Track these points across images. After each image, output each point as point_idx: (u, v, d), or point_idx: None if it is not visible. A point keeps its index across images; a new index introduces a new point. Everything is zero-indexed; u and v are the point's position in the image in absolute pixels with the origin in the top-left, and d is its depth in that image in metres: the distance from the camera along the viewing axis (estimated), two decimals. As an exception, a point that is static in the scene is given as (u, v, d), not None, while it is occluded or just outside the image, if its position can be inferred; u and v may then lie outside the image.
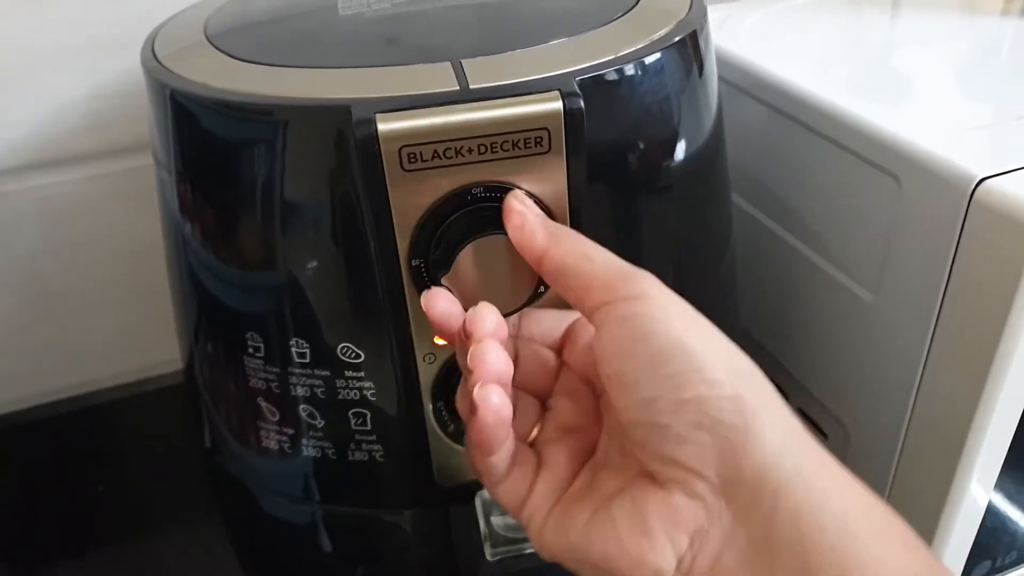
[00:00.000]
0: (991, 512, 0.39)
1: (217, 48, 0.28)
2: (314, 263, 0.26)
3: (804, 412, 0.45)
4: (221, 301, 0.29)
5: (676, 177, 0.29)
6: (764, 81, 0.40)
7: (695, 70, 0.29)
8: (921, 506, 0.38)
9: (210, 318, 0.30)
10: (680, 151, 0.29)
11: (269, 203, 0.26)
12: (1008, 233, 0.30)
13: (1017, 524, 0.41)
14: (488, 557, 0.26)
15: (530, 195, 0.24)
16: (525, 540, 0.27)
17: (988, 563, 0.41)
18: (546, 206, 0.25)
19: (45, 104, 0.45)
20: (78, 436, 0.54)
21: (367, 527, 0.31)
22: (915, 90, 0.39)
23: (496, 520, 0.28)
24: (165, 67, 0.28)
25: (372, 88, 0.24)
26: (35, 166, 0.46)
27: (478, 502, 0.28)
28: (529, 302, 0.26)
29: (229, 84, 0.25)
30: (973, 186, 0.31)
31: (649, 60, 0.26)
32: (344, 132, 0.23)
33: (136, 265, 0.50)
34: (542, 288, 0.26)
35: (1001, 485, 0.38)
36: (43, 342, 0.51)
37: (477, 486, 0.29)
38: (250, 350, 0.28)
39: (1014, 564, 0.43)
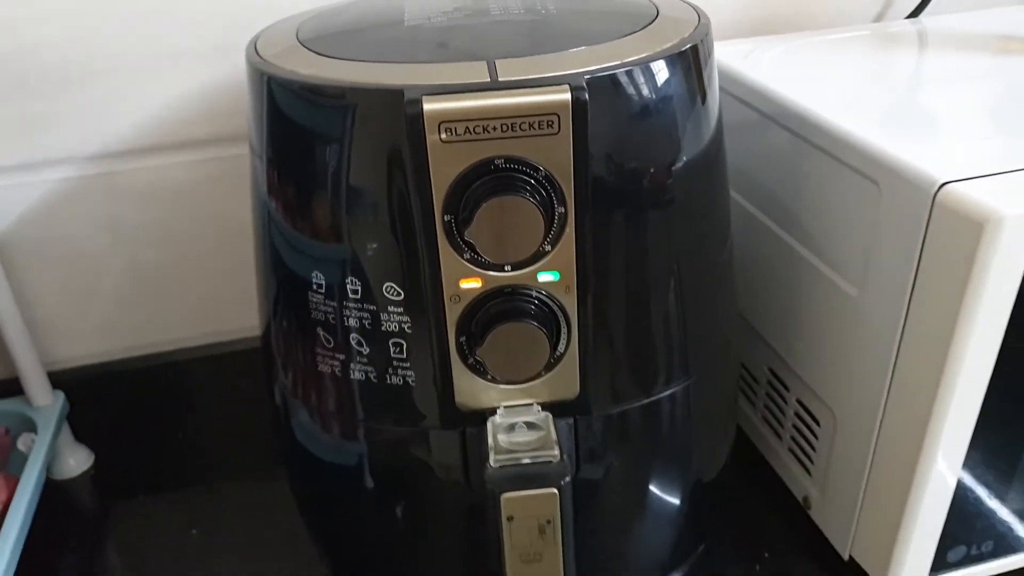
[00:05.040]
0: (965, 500, 0.42)
1: (306, 47, 0.35)
2: (369, 218, 0.33)
3: (801, 402, 0.49)
4: (294, 250, 0.36)
5: (676, 173, 0.35)
6: (768, 99, 0.46)
7: (694, 78, 0.35)
8: (894, 488, 0.42)
9: (284, 265, 0.36)
10: (680, 148, 0.35)
11: (337, 170, 0.33)
12: (963, 232, 0.34)
13: (993, 514, 0.44)
14: (492, 464, 0.32)
15: (541, 169, 0.30)
16: (523, 452, 0.33)
17: (963, 548, 0.44)
18: (554, 179, 0.31)
19: (160, 98, 0.53)
20: (163, 388, 0.62)
21: (398, 442, 0.37)
22: (898, 107, 0.44)
23: (501, 437, 0.34)
24: (264, 59, 0.35)
25: (422, 78, 0.31)
26: (149, 150, 0.54)
27: (489, 425, 0.34)
28: (535, 255, 0.32)
29: (312, 72, 0.33)
30: (935, 189, 0.35)
31: (651, 65, 0.32)
32: (397, 111, 0.30)
33: (222, 242, 0.58)
34: (548, 246, 0.32)
35: (974, 475, 0.42)
36: (139, 303, 0.60)
37: (491, 412, 0.35)
38: (314, 287, 0.35)
39: (993, 555, 0.46)
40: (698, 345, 0.39)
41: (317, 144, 0.33)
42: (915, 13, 0.61)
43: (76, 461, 0.60)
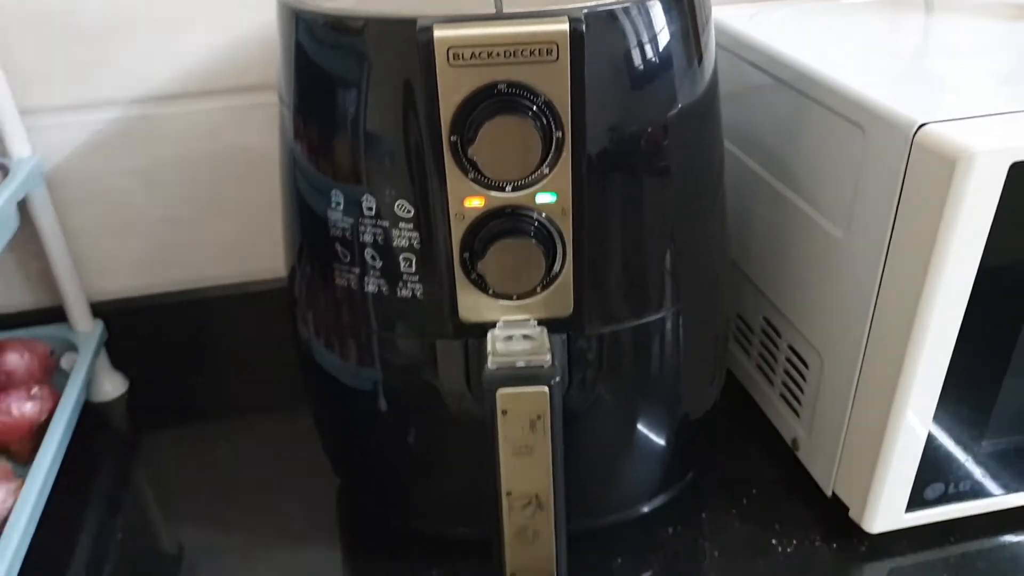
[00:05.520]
0: (942, 440, 0.45)
1: (332, -12, 0.39)
2: (384, 138, 0.36)
3: (792, 347, 0.52)
4: (317, 171, 0.39)
5: (670, 109, 0.38)
6: (765, 54, 0.49)
7: (688, 20, 0.38)
8: (873, 425, 0.44)
9: (308, 185, 0.40)
10: (674, 87, 0.38)
11: (357, 97, 0.36)
12: (937, 170, 0.37)
13: (969, 456, 0.46)
14: (490, 365, 0.35)
15: (540, 95, 0.33)
16: (518, 356, 0.36)
17: (940, 486, 0.47)
18: (553, 105, 0.34)
19: (197, 47, 0.57)
20: (192, 323, 0.66)
21: (407, 352, 0.40)
22: (888, 61, 0.47)
23: (499, 345, 0.37)
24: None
25: (433, 9, 0.34)
26: (185, 95, 0.58)
27: (489, 335, 0.37)
28: (534, 176, 0.35)
29: (336, 6, 0.36)
30: (914, 130, 0.38)
31: (646, 4, 0.35)
32: (411, 39, 0.33)
33: (250, 186, 0.62)
34: (547, 168, 0.35)
35: (950, 416, 0.44)
36: (172, 242, 0.64)
37: (491, 326, 0.38)
38: (333, 205, 0.38)
39: (973, 495, 0.48)
40: (687, 276, 0.42)
41: (339, 73, 0.36)
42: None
43: (112, 386, 0.64)
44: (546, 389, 0.35)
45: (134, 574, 0.49)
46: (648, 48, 0.36)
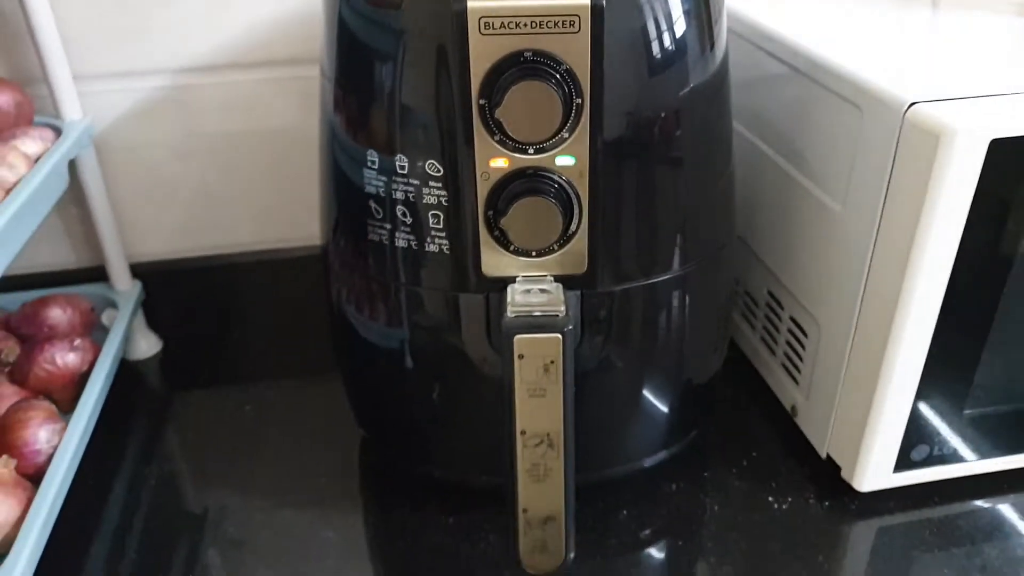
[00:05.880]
0: (927, 404, 0.47)
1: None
2: (418, 102, 0.39)
3: (793, 319, 0.55)
4: (355, 131, 0.42)
5: (683, 82, 0.41)
6: (773, 39, 0.52)
7: (702, 5, 0.41)
8: (863, 389, 0.47)
9: (346, 144, 0.43)
10: (686, 67, 0.41)
11: (394, 64, 0.39)
12: (924, 145, 0.40)
13: (954, 420, 0.49)
14: (508, 314, 0.39)
15: (563, 63, 0.36)
16: (535, 307, 0.39)
17: (926, 448, 0.49)
18: (574, 73, 0.37)
19: (240, 19, 0.60)
20: (226, 287, 0.69)
21: (433, 304, 0.44)
22: (890, 46, 0.50)
23: (518, 297, 0.40)
24: (338, -27, 0.42)
25: (468, -17, 0.37)
26: (227, 66, 0.62)
27: (509, 289, 0.41)
28: (555, 140, 0.38)
29: (379, -20, 0.39)
30: (905, 108, 0.41)
31: (661, -13, 0.38)
32: (446, 9, 0.36)
33: (283, 153, 0.66)
34: (567, 133, 0.38)
35: (935, 382, 0.47)
36: (207, 206, 0.67)
37: (511, 280, 0.41)
38: (368, 163, 0.41)
39: (955, 459, 0.51)
40: (695, 242, 0.45)
41: (378, 40, 0.40)
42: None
43: (148, 344, 0.67)
44: (559, 336, 0.38)
45: (165, 518, 0.53)
46: (663, 26, 0.39)
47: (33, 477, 0.49)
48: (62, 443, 0.51)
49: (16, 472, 0.48)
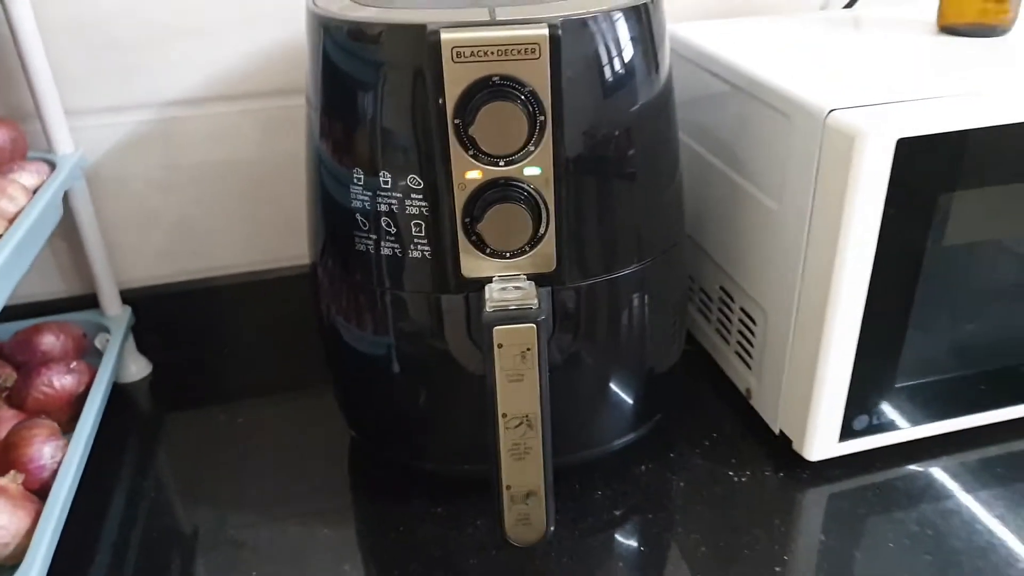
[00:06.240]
0: (863, 378, 0.53)
1: (354, 0, 0.47)
2: (399, 125, 0.44)
3: (743, 309, 0.60)
4: (341, 151, 0.47)
5: (632, 98, 0.46)
6: (715, 60, 0.58)
7: (646, 28, 0.46)
8: (805, 368, 0.53)
9: (332, 164, 0.48)
10: (635, 86, 0.46)
11: (376, 89, 0.44)
12: (842, 147, 0.46)
13: (888, 392, 0.55)
14: (487, 309, 0.43)
15: (527, 85, 0.41)
16: (511, 301, 0.44)
17: (865, 418, 0.55)
18: (537, 95, 0.42)
19: (227, 55, 0.64)
20: (212, 309, 0.72)
21: (416, 306, 0.48)
22: (813, 63, 0.56)
23: (495, 295, 0.44)
24: (320, 8, 0.46)
25: (441, 18, 0.42)
26: (213, 99, 0.66)
27: (487, 288, 0.45)
28: (523, 152, 0.43)
29: (358, 15, 0.44)
30: (825, 115, 0.47)
31: (610, 14, 0.44)
32: (421, 40, 0.41)
33: (264, 181, 0.69)
34: (532, 146, 0.43)
35: (868, 358, 0.52)
36: (191, 232, 0.71)
37: (488, 281, 0.46)
38: (354, 180, 0.46)
39: (892, 427, 0.56)
40: (651, 240, 0.50)
41: (361, 70, 0.44)
42: (850, 4, 0.73)
43: (137, 368, 0.70)
44: (534, 326, 0.43)
45: (161, 530, 0.56)
46: (613, 52, 0.45)
47: (38, 492, 0.52)
48: (65, 458, 0.54)
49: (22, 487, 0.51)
